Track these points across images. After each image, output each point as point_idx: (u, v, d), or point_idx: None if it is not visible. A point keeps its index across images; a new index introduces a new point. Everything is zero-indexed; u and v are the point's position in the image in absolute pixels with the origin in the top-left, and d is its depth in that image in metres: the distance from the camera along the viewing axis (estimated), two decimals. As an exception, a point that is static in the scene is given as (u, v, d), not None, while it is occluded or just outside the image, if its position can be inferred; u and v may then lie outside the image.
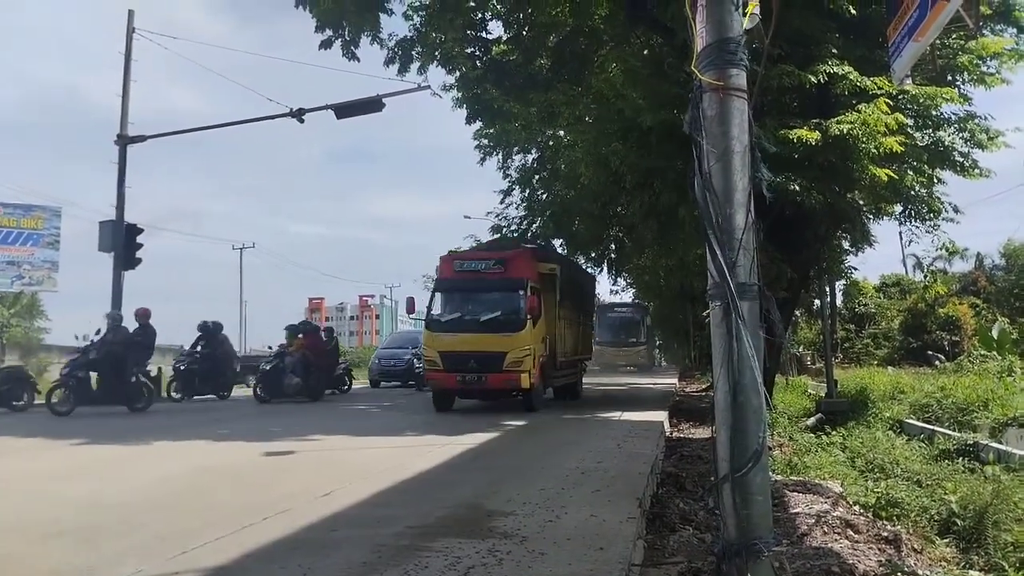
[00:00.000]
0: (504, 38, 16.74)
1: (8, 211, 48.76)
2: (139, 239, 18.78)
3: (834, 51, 10.56)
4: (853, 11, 10.44)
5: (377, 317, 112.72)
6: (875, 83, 10.19)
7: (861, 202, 12.20)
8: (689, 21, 3.13)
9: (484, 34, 16.47)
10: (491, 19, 16.43)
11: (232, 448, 8.59)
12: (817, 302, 20.95)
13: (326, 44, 14.19)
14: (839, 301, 32.67)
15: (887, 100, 10.13)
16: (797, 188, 10.00)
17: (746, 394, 2.89)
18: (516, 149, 22.72)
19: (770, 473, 8.22)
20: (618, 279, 28.07)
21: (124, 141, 19.12)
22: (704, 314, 3.69)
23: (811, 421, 14.43)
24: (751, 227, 2.94)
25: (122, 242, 18.16)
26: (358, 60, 14.59)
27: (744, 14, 2.97)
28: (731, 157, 2.98)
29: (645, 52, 13.42)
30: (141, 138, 19.48)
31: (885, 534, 5.57)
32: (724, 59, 2.99)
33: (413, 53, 15.70)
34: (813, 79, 10.08)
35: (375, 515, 4.94)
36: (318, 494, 5.47)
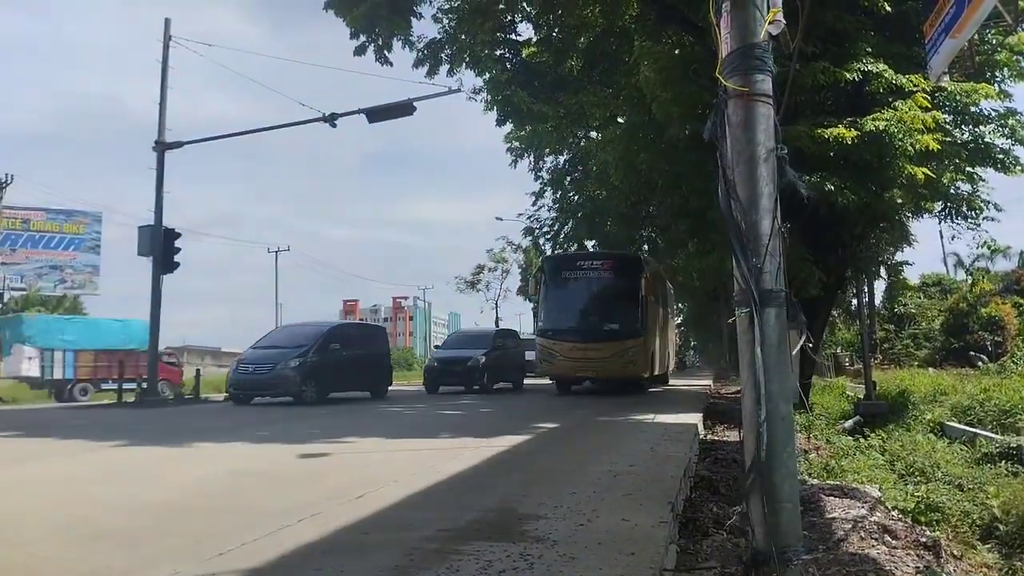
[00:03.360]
0: (534, 40, 16.78)
1: (51, 216, 50.27)
2: (177, 243, 19.19)
3: (869, 49, 10.41)
4: (888, 8, 10.29)
5: (411, 318, 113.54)
6: (911, 80, 10.02)
7: (900, 200, 11.99)
8: (713, 27, 3.12)
9: (514, 36, 16.55)
10: (520, 21, 16.51)
11: (269, 450, 8.71)
12: (855, 302, 20.62)
13: (360, 50, 14.35)
14: (878, 301, 32.11)
15: (924, 96, 9.96)
16: (831, 188, 9.86)
17: (774, 401, 2.87)
18: (547, 151, 22.76)
19: (806, 477, 8.14)
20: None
21: (162, 147, 19.51)
22: (731, 320, 3.65)
23: (849, 424, 14.22)
24: (777, 233, 2.92)
25: (161, 246, 18.56)
26: (391, 64, 14.74)
27: (768, 20, 2.95)
28: (756, 163, 2.97)
29: (677, 52, 13.34)
30: (178, 144, 19.87)
31: (924, 540, 5.47)
32: (749, 65, 2.97)
33: (442, 55, 15.82)
34: (848, 75, 9.94)
35: (407, 518, 4.98)
36: (351, 496, 5.52)
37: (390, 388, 20.54)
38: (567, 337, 17.49)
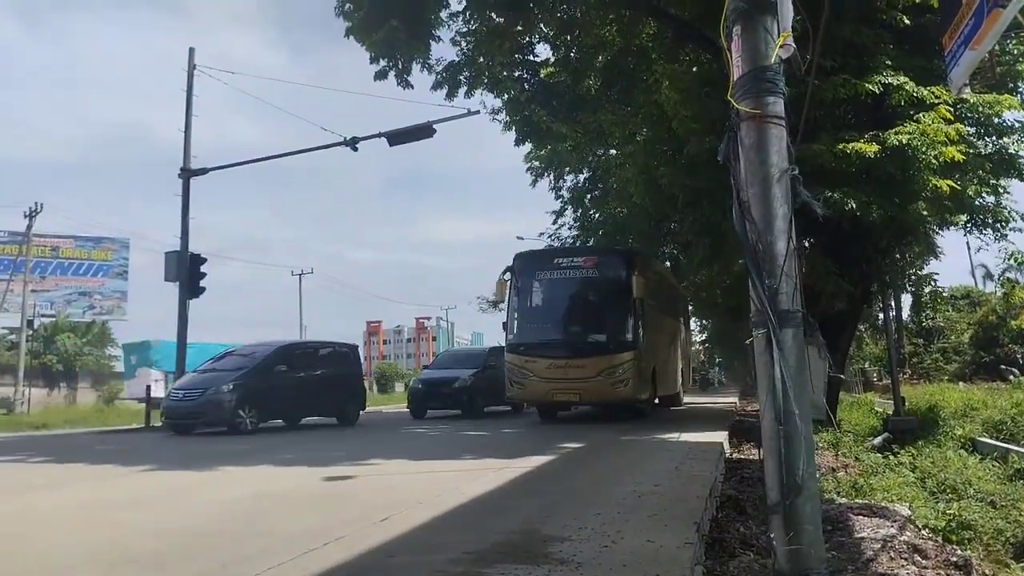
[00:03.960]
0: (552, 60, 16.89)
1: (80, 243, 51.23)
2: (203, 268, 19.43)
3: (888, 62, 10.37)
4: (907, 21, 10.26)
5: (434, 339, 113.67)
6: (932, 92, 9.96)
7: (925, 212, 11.89)
8: (725, 52, 3.15)
9: (532, 57, 16.66)
10: (538, 42, 16.62)
11: (294, 473, 8.76)
12: (881, 316, 20.40)
13: (381, 75, 14.51)
14: (906, 315, 31.72)
15: (947, 108, 9.90)
16: (854, 204, 9.80)
17: (792, 422, 2.85)
18: (567, 169, 22.83)
19: (834, 496, 8.03)
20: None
21: (187, 174, 19.83)
22: (748, 341, 3.63)
23: (878, 440, 14.02)
24: (793, 254, 2.92)
25: (187, 272, 18.82)
26: (412, 87, 14.88)
27: (778, 44, 2.98)
28: (770, 184, 2.98)
29: (695, 69, 13.37)
30: (203, 171, 20.18)
31: (955, 559, 5.38)
32: (761, 88, 3.00)
33: (461, 78, 15.95)
34: (869, 88, 9.91)
35: (432, 541, 4.99)
36: (376, 519, 5.54)
37: (363, 412, 18.88)
38: (542, 352, 14.40)
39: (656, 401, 17.27)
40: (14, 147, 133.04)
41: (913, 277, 15.92)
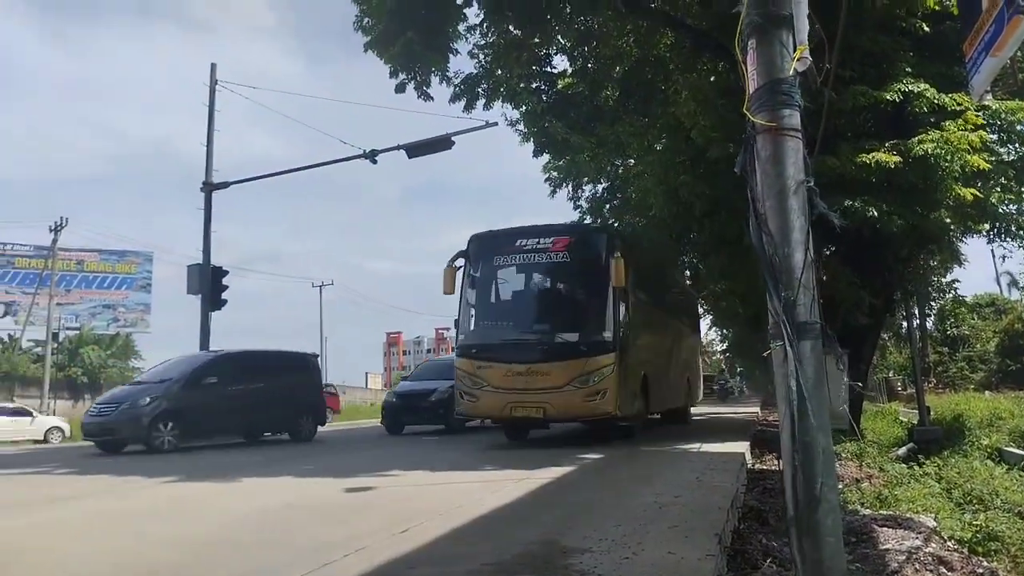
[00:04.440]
0: (569, 71, 16.94)
1: (104, 257, 51.96)
2: (224, 280, 19.65)
3: (908, 69, 10.31)
4: (926, 28, 10.21)
5: (453, 350, 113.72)
6: (954, 99, 9.90)
7: (948, 220, 11.78)
8: (740, 65, 3.16)
9: (549, 68, 16.72)
10: (555, 53, 16.67)
11: (314, 484, 8.81)
12: (905, 325, 20.19)
13: (400, 88, 14.62)
14: (930, 323, 31.36)
15: (975, 114, 9.84)
16: (875, 213, 9.74)
17: (811, 434, 2.84)
18: (586, 180, 22.81)
19: (858, 507, 7.95)
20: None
21: (209, 188, 20.10)
22: (765, 354, 3.59)
23: (902, 451, 13.87)
24: (810, 265, 2.92)
25: (209, 284, 19.03)
26: (432, 99, 14.95)
27: (795, 57, 2.99)
28: (787, 196, 2.99)
29: (713, 79, 13.37)
30: (224, 184, 20.44)
31: (981, 571, 5.31)
32: (776, 100, 3.01)
33: (478, 90, 16.03)
34: (889, 97, 9.86)
35: (452, 552, 5.00)
36: (396, 530, 5.56)
37: (322, 428, 17.80)
38: (499, 356, 11.73)
39: (657, 416, 15.69)
40: (40, 161, 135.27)
41: (936, 285, 15.78)
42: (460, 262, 12.24)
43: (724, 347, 45.61)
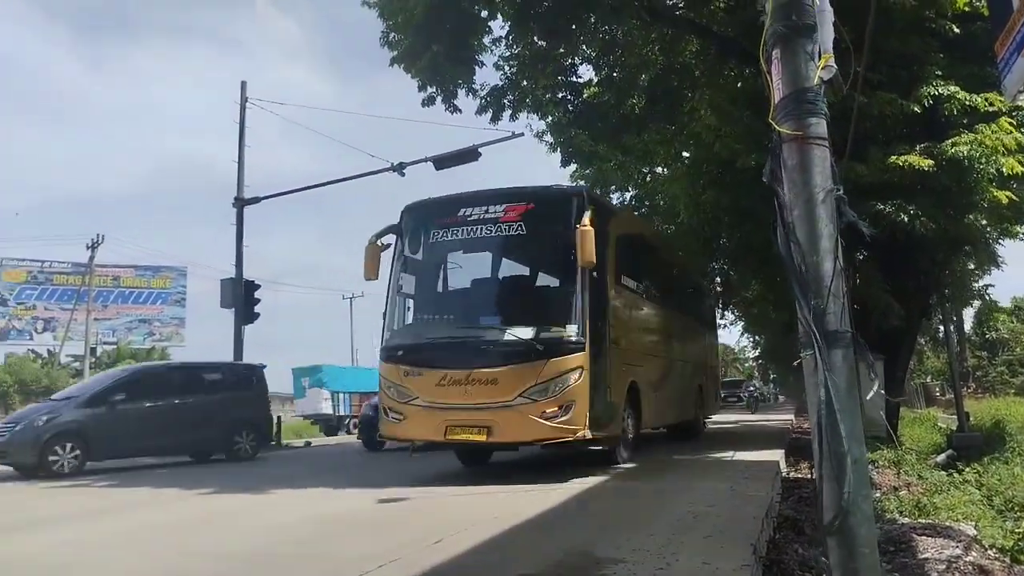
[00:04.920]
0: (595, 80, 16.98)
1: (140, 273, 52.97)
2: (256, 294, 19.91)
3: (939, 72, 10.19)
4: (956, 30, 10.09)
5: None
6: (986, 100, 9.76)
7: (983, 222, 11.59)
8: (764, 75, 3.17)
9: (574, 78, 16.76)
10: (581, 63, 16.71)
11: (348, 496, 8.87)
12: (942, 329, 19.85)
13: (429, 101, 14.75)
14: (968, 327, 30.79)
15: (1008, 120, 9.70)
16: (906, 218, 9.63)
17: (845, 443, 2.82)
18: (613, 188, 22.82)
19: (896, 515, 7.83)
20: (725, 312, 27.54)
21: (241, 204, 20.41)
22: (796, 363, 3.54)
23: (941, 458, 13.61)
24: (840, 274, 2.91)
25: (242, 298, 19.29)
26: (460, 111, 15.07)
27: (819, 66, 2.99)
28: (815, 205, 2.98)
29: (739, 84, 13.32)
30: (256, 200, 20.75)
31: (1025, 581, 5.20)
32: (802, 109, 3.00)
33: (504, 101, 16.12)
34: (916, 108, 9.76)
35: (486, 563, 5.02)
36: (430, 541, 5.59)
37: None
38: (431, 359, 9.09)
39: (662, 430, 13.71)
40: (77, 181, 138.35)
41: (972, 291, 15.52)
42: (389, 239, 9.80)
43: (757, 354, 45.17)
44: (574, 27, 14.22)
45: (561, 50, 15.43)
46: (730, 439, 15.75)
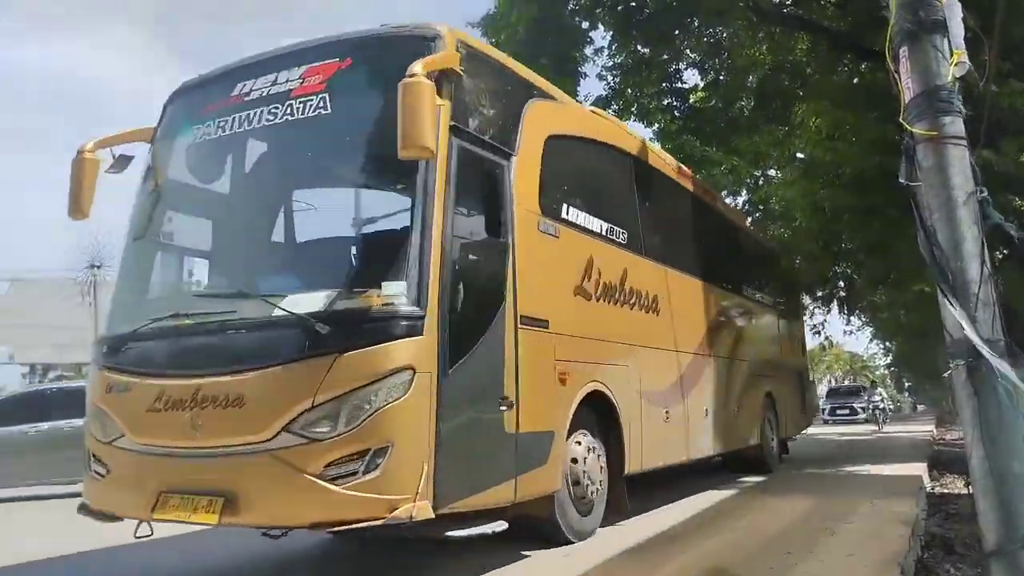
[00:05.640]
0: (701, 85, 16.73)
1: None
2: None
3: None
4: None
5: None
6: None
7: None
8: (892, 74, 3.03)
9: (680, 84, 16.57)
10: (686, 68, 16.51)
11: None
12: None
13: (537, 113, 14.91)
14: None
15: None
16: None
17: (1003, 459, 2.63)
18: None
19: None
20: (851, 319, 26.21)
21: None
22: (944, 373, 3.28)
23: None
24: (988, 279, 2.72)
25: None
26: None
27: (952, 63, 2.83)
28: (955, 207, 2.83)
29: (855, 80, 12.78)
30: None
31: None
32: (936, 108, 2.86)
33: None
34: None
35: (615, 581, 4.96)
36: (559, 553, 5.54)
37: None
38: (141, 360, 4.78)
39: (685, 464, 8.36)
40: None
41: None
42: (126, 150, 5.48)
43: (888, 360, 42.82)
44: (677, 32, 14.08)
45: (665, 56, 15.28)
46: (862, 452, 14.96)
